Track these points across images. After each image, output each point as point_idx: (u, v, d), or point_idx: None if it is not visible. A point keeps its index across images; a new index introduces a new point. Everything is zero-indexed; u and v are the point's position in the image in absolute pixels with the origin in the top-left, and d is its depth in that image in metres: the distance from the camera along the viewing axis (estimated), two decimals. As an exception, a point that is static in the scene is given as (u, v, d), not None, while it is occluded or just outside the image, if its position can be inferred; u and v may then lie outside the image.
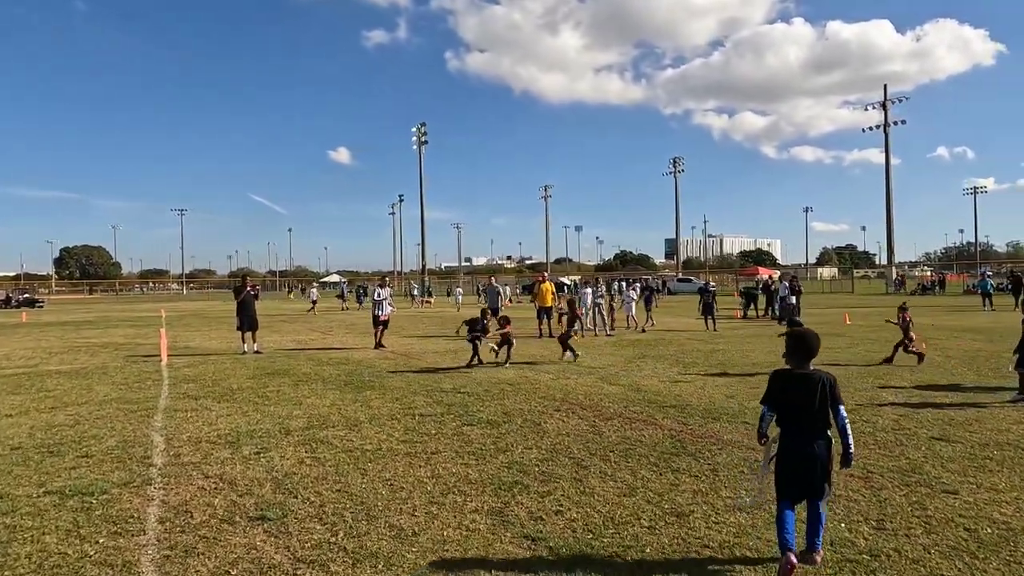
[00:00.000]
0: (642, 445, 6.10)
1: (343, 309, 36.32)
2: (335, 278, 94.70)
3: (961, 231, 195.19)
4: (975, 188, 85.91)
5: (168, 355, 13.14)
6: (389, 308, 15.39)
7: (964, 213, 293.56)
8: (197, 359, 13.30)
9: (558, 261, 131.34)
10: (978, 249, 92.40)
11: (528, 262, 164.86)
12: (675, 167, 74.84)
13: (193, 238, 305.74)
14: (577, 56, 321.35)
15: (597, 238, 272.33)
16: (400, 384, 9.82)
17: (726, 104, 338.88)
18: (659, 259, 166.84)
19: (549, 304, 17.37)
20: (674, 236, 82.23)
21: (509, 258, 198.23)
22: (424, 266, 64.81)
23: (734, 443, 6.10)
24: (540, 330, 17.19)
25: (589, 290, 18.94)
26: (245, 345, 14.37)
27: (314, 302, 33.03)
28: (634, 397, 8.33)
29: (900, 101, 54.27)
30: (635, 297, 20.81)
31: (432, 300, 45.97)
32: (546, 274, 21.85)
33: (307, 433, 6.76)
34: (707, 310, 18.98)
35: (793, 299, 20.35)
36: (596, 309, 18.19)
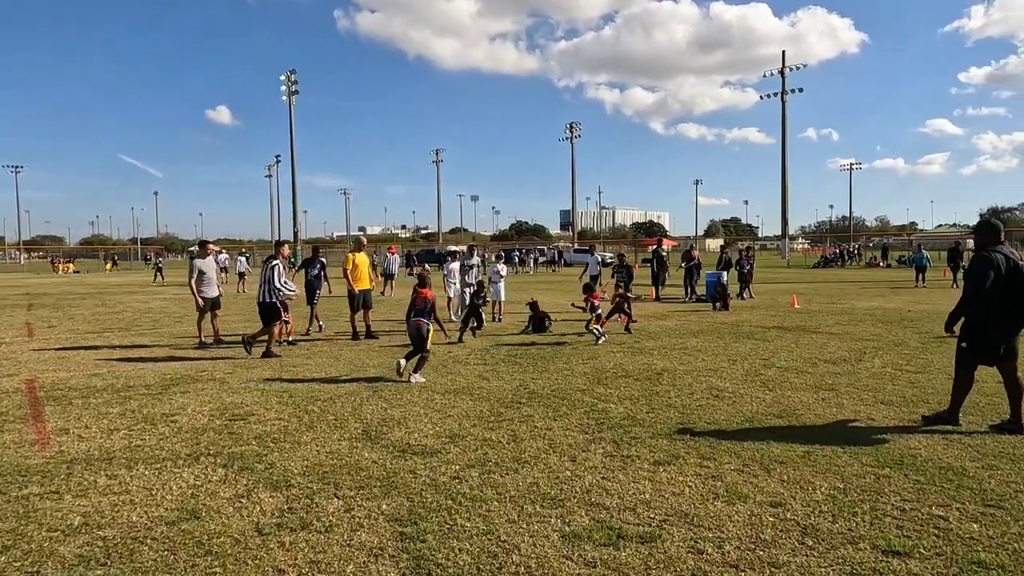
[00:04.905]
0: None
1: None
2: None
3: (831, 207, 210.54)
4: (851, 165, 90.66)
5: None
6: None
7: (831, 190, 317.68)
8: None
9: (453, 231, 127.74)
10: (851, 222, 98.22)
11: (424, 231, 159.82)
12: (571, 132, 73.22)
13: (51, 203, 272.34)
14: (472, 22, 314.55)
15: (493, 208, 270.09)
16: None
17: (617, 79, 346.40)
18: (555, 230, 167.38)
19: (368, 287, 11.82)
20: (569, 208, 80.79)
21: (404, 227, 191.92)
22: (296, 233, 58.98)
23: None
24: (352, 327, 11.72)
25: (502, 265, 15.61)
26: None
27: (241, 275, 27.07)
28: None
29: (796, 68, 54.69)
30: (503, 274, 15.16)
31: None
32: (364, 239, 13.62)
33: None
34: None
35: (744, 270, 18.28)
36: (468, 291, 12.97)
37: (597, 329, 11.01)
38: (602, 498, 4.15)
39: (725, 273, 18.72)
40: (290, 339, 11.10)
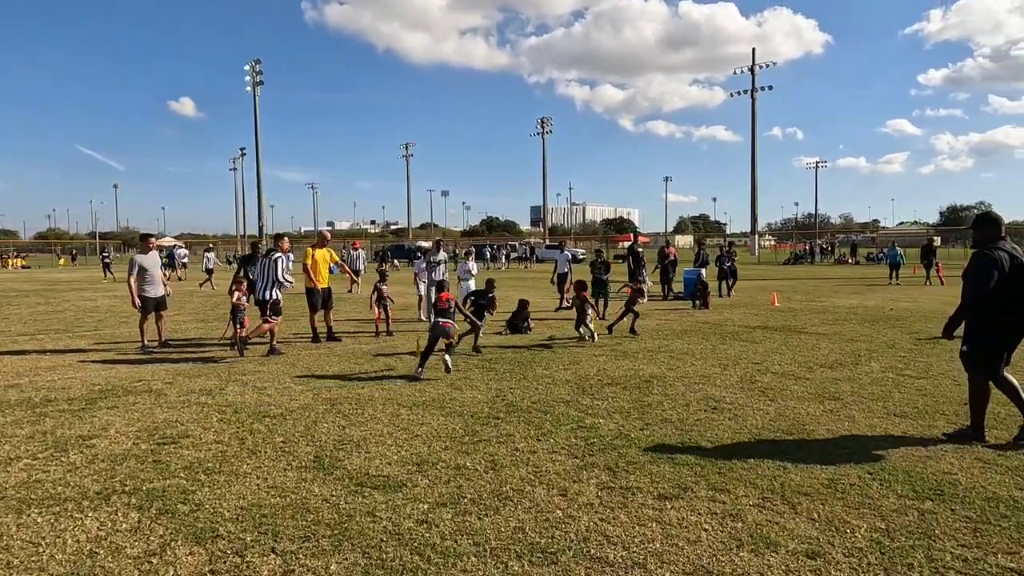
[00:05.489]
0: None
1: (174, 278, 30.12)
2: (168, 241, 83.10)
3: (797, 204, 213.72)
4: (817, 163, 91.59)
5: None
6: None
7: (797, 188, 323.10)
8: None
9: (423, 226, 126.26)
10: (817, 219, 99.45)
11: (394, 227, 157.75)
12: (543, 127, 72.63)
13: (5, 196, 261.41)
14: (441, 16, 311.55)
15: (464, 203, 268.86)
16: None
17: (587, 75, 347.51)
18: (525, 226, 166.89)
19: (326, 284, 10.73)
20: (540, 204, 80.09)
21: (373, 222, 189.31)
22: (261, 227, 57.13)
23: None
24: (312, 327, 10.66)
25: (472, 263, 14.69)
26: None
27: (209, 271, 25.68)
28: None
29: (766, 66, 54.78)
30: (474, 272, 14.10)
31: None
32: (328, 233, 12.09)
33: None
34: (599, 287, 13.54)
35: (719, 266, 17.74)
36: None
37: (586, 327, 10.39)
38: (603, 549, 3.40)
39: (703, 270, 18.24)
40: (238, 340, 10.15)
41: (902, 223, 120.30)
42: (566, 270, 16.31)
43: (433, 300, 11.65)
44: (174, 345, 10.49)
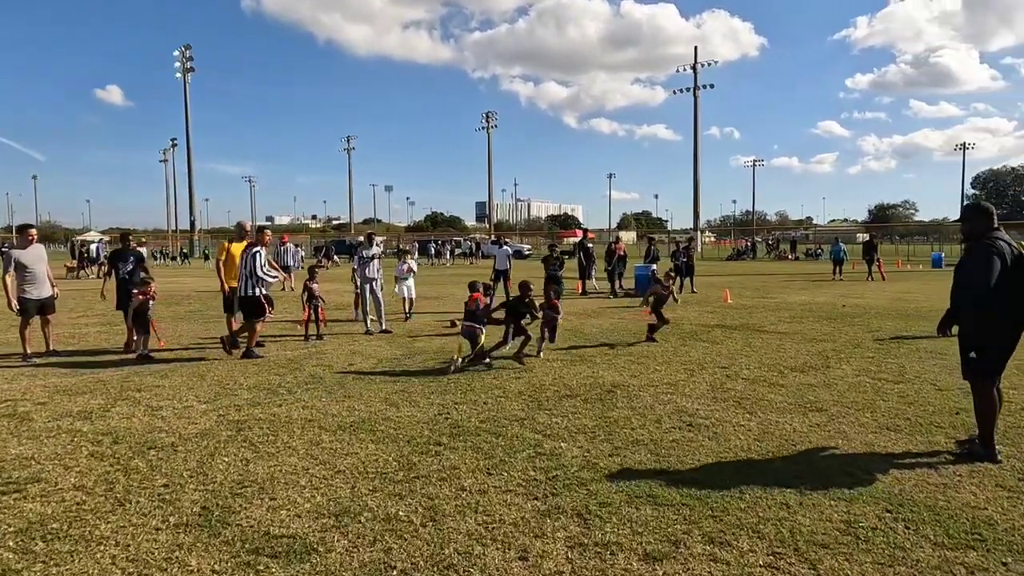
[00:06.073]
0: None
1: (77, 276, 27.92)
2: (93, 235, 78.02)
3: (734, 201, 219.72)
4: (754, 162, 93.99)
5: None
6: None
7: (734, 186, 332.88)
8: None
9: (366, 221, 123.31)
10: (755, 217, 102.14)
11: (336, 222, 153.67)
12: (488, 122, 71.64)
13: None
14: (384, 7, 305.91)
15: (408, 199, 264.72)
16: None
17: (531, 72, 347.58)
18: (471, 221, 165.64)
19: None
20: (485, 200, 79.10)
21: (314, 217, 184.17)
22: (193, 222, 54.11)
23: None
24: (228, 332, 9.29)
25: (412, 261, 13.35)
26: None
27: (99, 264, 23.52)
28: None
29: (708, 64, 55.30)
30: (415, 269, 13.13)
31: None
32: (248, 224, 10.20)
33: None
34: (554, 284, 12.71)
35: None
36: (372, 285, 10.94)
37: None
38: (583, 651, 2.48)
39: (654, 266, 17.68)
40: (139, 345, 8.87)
41: (833, 220, 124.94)
42: (505, 267, 15.24)
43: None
44: (64, 354, 9.04)
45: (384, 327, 10.90)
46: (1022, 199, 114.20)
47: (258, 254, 8.75)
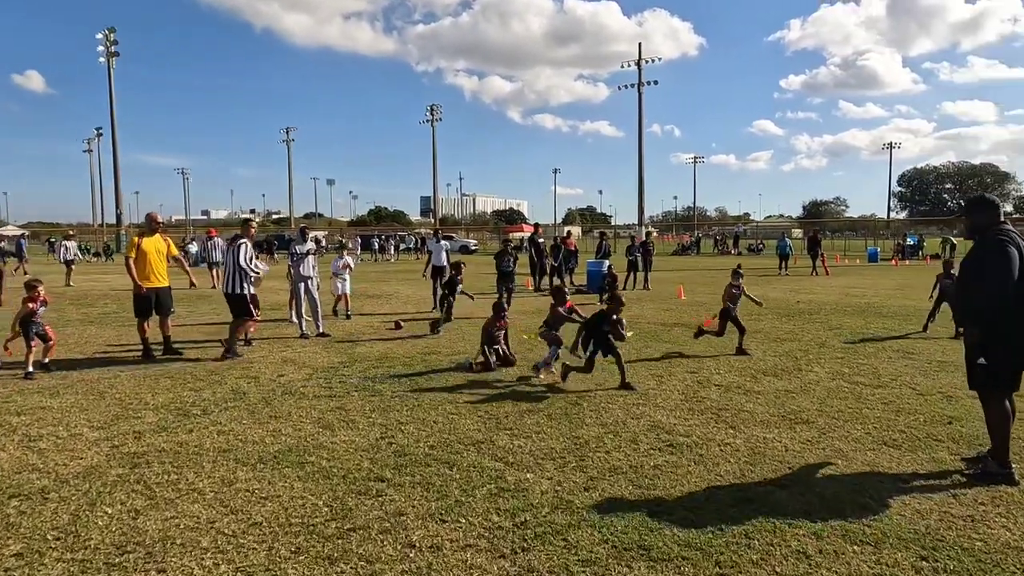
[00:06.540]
0: None
1: (21, 271, 25.61)
2: (12, 231, 72.74)
3: (676, 197, 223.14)
4: (695, 159, 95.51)
5: None
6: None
7: (675, 182, 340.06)
8: None
9: (307, 215, 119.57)
10: (696, 212, 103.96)
11: (275, 216, 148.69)
12: (432, 115, 70.09)
13: None
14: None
15: (351, 193, 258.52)
16: None
17: (476, 66, 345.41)
18: (415, 216, 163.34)
19: (163, 284, 8.42)
20: (430, 194, 77.64)
21: (253, 211, 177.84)
22: (119, 216, 50.84)
23: None
24: (144, 340, 8.23)
25: (349, 257, 12.20)
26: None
27: (69, 263, 21.19)
28: None
29: (652, 61, 55.53)
30: (352, 266, 12.70)
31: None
32: (159, 216, 9.01)
33: None
34: (506, 280, 12.59)
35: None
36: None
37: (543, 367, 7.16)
38: None
39: (607, 261, 17.19)
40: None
41: (769, 216, 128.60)
42: (442, 263, 13.90)
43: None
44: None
45: (321, 330, 9.91)
46: (943, 197, 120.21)
47: (243, 246, 8.33)
